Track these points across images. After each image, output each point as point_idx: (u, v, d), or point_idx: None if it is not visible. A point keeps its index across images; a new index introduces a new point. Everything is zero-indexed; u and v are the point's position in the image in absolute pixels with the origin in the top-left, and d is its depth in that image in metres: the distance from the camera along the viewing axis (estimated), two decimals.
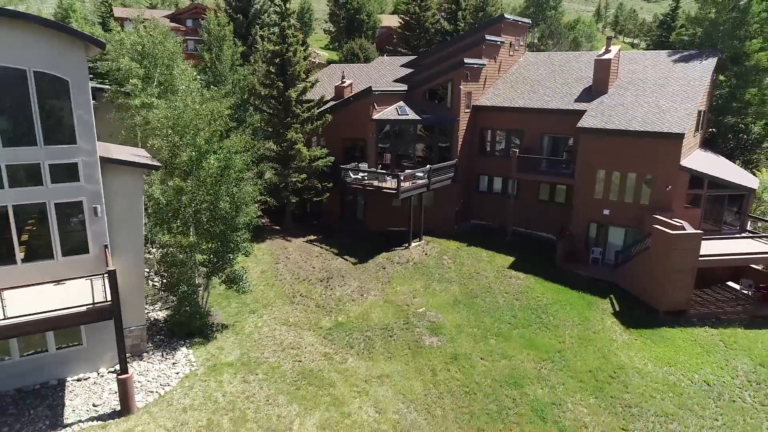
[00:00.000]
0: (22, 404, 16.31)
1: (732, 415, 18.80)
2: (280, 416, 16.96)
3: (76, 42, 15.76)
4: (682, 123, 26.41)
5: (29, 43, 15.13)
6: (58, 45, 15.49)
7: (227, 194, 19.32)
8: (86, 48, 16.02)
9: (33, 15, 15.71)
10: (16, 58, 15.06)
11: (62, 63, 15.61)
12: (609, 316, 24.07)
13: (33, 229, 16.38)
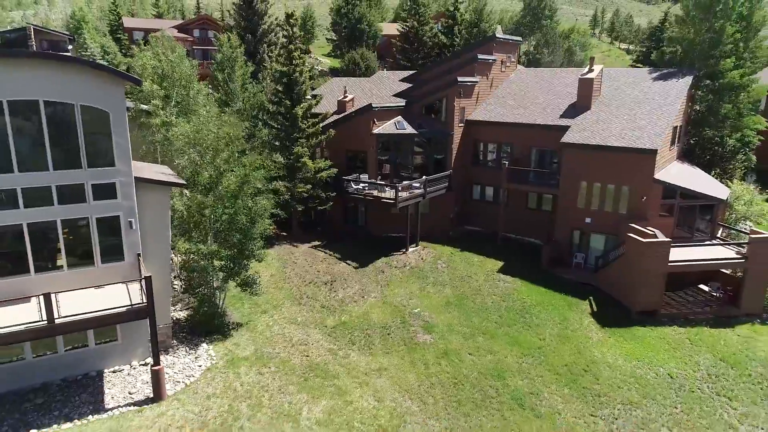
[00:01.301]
0: (67, 392, 18.80)
1: (690, 403, 21.25)
2: (291, 403, 19.44)
3: (116, 79, 18.26)
4: (656, 140, 28.85)
5: (77, 82, 17.61)
6: (100, 82, 17.97)
7: (244, 208, 21.79)
8: (124, 84, 18.51)
9: (80, 58, 18.27)
10: (65, 95, 17.54)
11: (104, 97, 18.09)
12: (587, 316, 26.51)
13: (76, 240, 18.84)
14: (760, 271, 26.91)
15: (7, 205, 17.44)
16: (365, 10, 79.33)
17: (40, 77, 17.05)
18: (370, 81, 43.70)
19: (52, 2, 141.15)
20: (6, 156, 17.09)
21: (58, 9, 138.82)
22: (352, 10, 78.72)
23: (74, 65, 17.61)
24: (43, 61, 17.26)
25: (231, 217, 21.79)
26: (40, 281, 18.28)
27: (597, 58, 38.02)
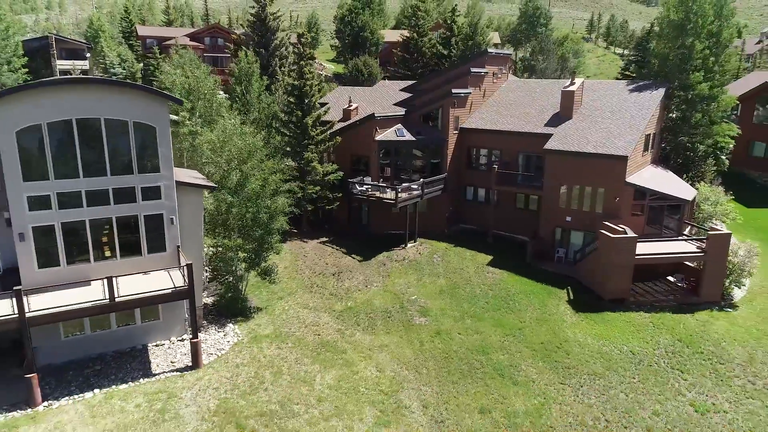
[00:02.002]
0: (120, 361, 22.47)
1: (647, 375, 24.83)
2: (306, 372, 23.07)
3: (162, 100, 21.92)
4: (627, 147, 32.43)
5: (131, 102, 21.25)
6: (149, 102, 21.62)
7: (265, 207, 25.42)
8: (168, 103, 22.17)
9: (135, 83, 21.89)
10: (122, 113, 21.18)
11: (152, 114, 21.73)
12: (564, 303, 30.09)
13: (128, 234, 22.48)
14: (717, 264, 30.46)
15: (73, 205, 21.09)
16: (368, 19, 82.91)
17: (102, 99, 20.70)
18: (373, 90, 47.32)
19: (63, 7, 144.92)
20: (74, 164, 20.74)
21: (69, 14, 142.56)
22: (355, 19, 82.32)
23: (130, 89, 21.29)
24: (105, 86, 20.93)
25: (254, 215, 25.42)
26: (98, 268, 21.95)
27: (592, 63, 42.20)
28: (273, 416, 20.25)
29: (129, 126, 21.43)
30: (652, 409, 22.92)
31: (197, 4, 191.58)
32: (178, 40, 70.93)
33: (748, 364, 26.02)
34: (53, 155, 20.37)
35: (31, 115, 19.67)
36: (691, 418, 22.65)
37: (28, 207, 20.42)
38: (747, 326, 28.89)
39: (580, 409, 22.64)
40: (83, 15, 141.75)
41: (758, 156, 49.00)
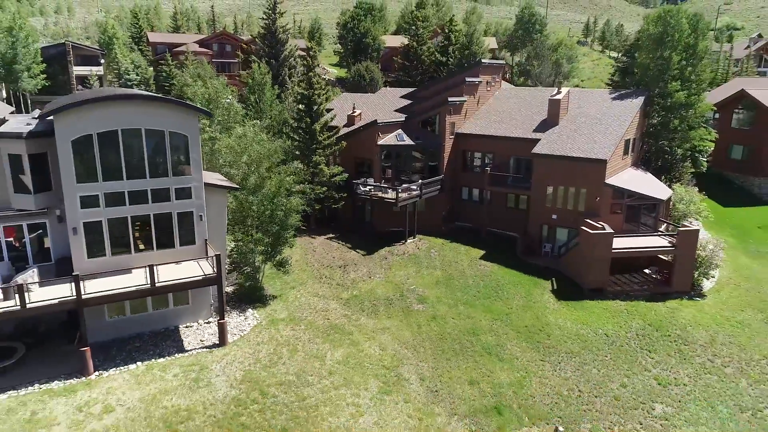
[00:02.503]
0: (156, 339, 25.78)
1: (618, 353, 28.13)
2: (318, 349, 26.37)
3: (194, 113, 25.23)
4: (606, 151, 35.71)
5: (167, 115, 24.54)
6: (182, 114, 24.92)
7: (281, 205, 28.72)
8: (198, 116, 25.48)
9: (171, 98, 25.19)
10: (159, 124, 24.47)
11: (184, 125, 25.01)
12: (548, 292, 33.39)
13: (163, 229, 25.77)
14: (686, 257, 33.75)
15: (118, 203, 24.41)
16: (370, 25, 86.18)
17: (143, 112, 24.02)
18: (375, 97, 50.61)
19: (71, 11, 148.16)
20: (119, 168, 24.05)
21: (77, 18, 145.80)
22: (358, 25, 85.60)
23: (167, 103, 24.61)
24: (146, 101, 24.26)
25: (271, 212, 28.73)
26: (138, 258, 25.25)
27: (587, 67, 45.21)
28: (291, 385, 23.57)
29: (165, 135, 24.73)
30: (620, 382, 26.24)
31: (201, 6, 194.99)
32: (188, 47, 74.30)
33: (709, 345, 29.32)
34: (101, 161, 23.67)
35: (85, 127, 22.98)
36: (653, 389, 25.97)
37: (80, 205, 23.73)
38: (712, 313, 32.20)
39: (557, 382, 25.95)
40: (90, 18, 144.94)
41: (736, 158, 52.25)
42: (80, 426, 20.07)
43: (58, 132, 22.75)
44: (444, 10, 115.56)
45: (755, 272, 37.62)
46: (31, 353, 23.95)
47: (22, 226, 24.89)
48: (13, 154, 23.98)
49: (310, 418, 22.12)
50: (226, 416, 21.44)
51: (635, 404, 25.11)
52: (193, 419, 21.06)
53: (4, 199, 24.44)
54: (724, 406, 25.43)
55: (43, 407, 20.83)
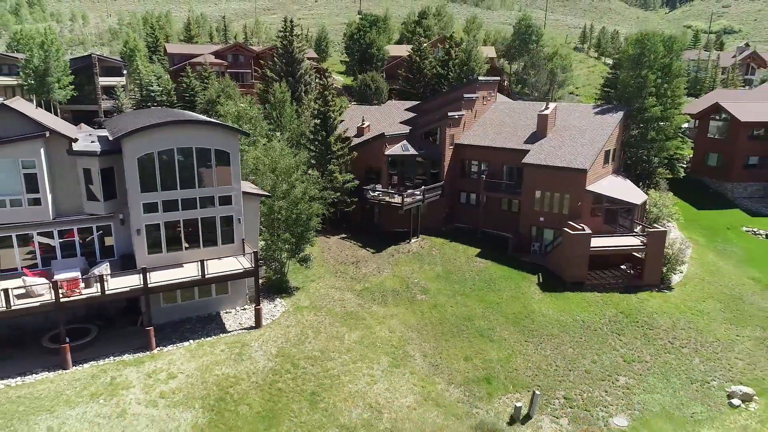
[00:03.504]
0: (202, 323, 30.77)
1: (591, 336, 33.06)
2: (337, 331, 31.34)
3: (235, 133, 30.25)
4: (587, 162, 40.62)
5: (213, 135, 29.53)
6: (225, 134, 29.91)
7: (305, 209, 33.70)
8: (238, 135, 30.50)
9: (217, 122, 30.16)
10: (207, 143, 29.45)
11: (227, 143, 29.99)
12: (534, 285, 38.30)
13: (208, 230, 30.77)
14: (655, 255, 38.65)
15: (172, 209, 29.40)
16: (375, 36, 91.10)
17: (194, 134, 29.02)
18: (382, 109, 55.58)
19: (86, 19, 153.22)
20: (174, 179, 29.04)
21: (91, 25, 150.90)
22: (363, 36, 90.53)
23: (213, 126, 29.63)
24: (197, 125, 29.30)
25: (296, 216, 33.73)
26: (187, 254, 30.25)
27: (582, 73, 49.46)
28: (316, 359, 28.58)
29: (211, 152, 29.72)
30: (591, 359, 31.22)
31: (208, 11, 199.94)
32: (206, 58, 79.28)
33: (670, 329, 34.27)
34: (160, 174, 28.67)
35: (148, 146, 27.98)
36: (619, 365, 30.94)
37: (143, 210, 28.73)
38: (676, 303, 37.13)
39: (538, 358, 30.93)
40: (104, 26, 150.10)
41: (711, 165, 57.06)
42: (152, 388, 25.12)
43: (127, 151, 27.77)
44: (445, 20, 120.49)
45: (720, 268, 42.50)
46: (102, 333, 28.97)
47: (92, 228, 29.95)
48: (86, 168, 28.99)
49: (333, 384, 27.14)
50: (265, 382, 26.48)
51: (603, 376, 30.08)
52: (239, 384, 26.09)
53: (78, 206, 29.45)
54: (677, 378, 30.40)
55: (119, 374, 25.87)
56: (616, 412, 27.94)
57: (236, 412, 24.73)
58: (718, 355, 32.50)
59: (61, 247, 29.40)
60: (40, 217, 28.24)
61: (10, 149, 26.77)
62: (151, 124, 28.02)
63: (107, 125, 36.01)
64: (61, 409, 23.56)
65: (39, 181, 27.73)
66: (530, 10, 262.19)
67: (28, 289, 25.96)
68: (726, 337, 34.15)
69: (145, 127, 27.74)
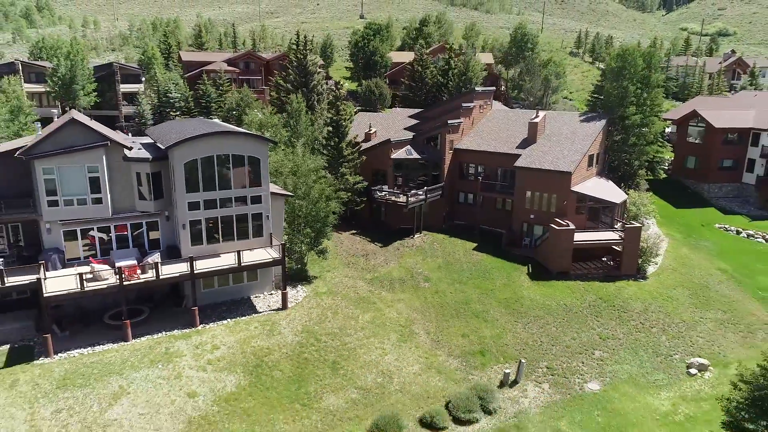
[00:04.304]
0: (236, 305, 35.69)
1: (572, 317, 38.00)
2: (352, 313, 36.29)
3: (265, 142, 35.21)
4: (571, 165, 45.55)
5: (247, 143, 34.45)
6: (257, 143, 34.85)
7: (323, 207, 38.62)
8: (267, 144, 35.46)
9: (251, 133, 35.11)
10: (242, 150, 34.37)
11: (258, 151, 34.92)
12: (524, 274, 43.23)
13: (241, 225, 35.69)
14: (631, 248, 43.58)
15: (212, 207, 34.34)
16: (378, 44, 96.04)
17: (231, 142, 33.96)
18: (387, 116, 60.52)
19: (97, 24, 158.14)
20: (213, 182, 33.96)
21: (103, 31, 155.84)
22: (368, 44, 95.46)
23: (247, 136, 34.58)
24: (234, 135, 34.25)
25: (315, 213, 38.65)
26: (223, 246, 35.17)
27: (577, 78, 54.37)
28: (335, 335, 33.54)
29: (245, 158, 34.66)
30: (571, 336, 36.19)
31: (213, 15, 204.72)
32: (219, 65, 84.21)
33: (642, 312, 39.22)
34: (202, 176, 33.59)
35: (192, 154, 32.91)
36: (595, 341, 35.92)
37: (188, 208, 33.68)
38: (650, 290, 42.08)
39: (525, 335, 35.91)
40: (115, 32, 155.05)
41: (690, 167, 62.04)
42: (200, 356, 30.09)
43: (175, 158, 32.72)
44: (445, 27, 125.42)
45: (691, 260, 47.45)
46: (152, 313, 33.90)
47: (142, 223, 34.92)
48: (138, 172, 33.93)
49: (350, 355, 32.11)
50: (294, 353, 31.45)
51: (581, 350, 35.06)
52: (272, 354, 31.06)
53: (131, 205, 34.39)
54: (644, 352, 35.39)
55: (171, 345, 30.82)
56: (591, 379, 32.92)
57: (271, 376, 29.71)
58: (682, 334, 37.48)
59: (116, 240, 34.36)
60: (101, 214, 33.20)
61: (79, 156, 31.72)
62: (196, 134, 32.96)
63: (150, 133, 40.91)
64: (128, 372, 28.54)
65: (101, 184, 32.68)
66: (529, 13, 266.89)
67: (95, 274, 30.92)
68: (690, 319, 39.11)
69: (191, 138, 32.69)
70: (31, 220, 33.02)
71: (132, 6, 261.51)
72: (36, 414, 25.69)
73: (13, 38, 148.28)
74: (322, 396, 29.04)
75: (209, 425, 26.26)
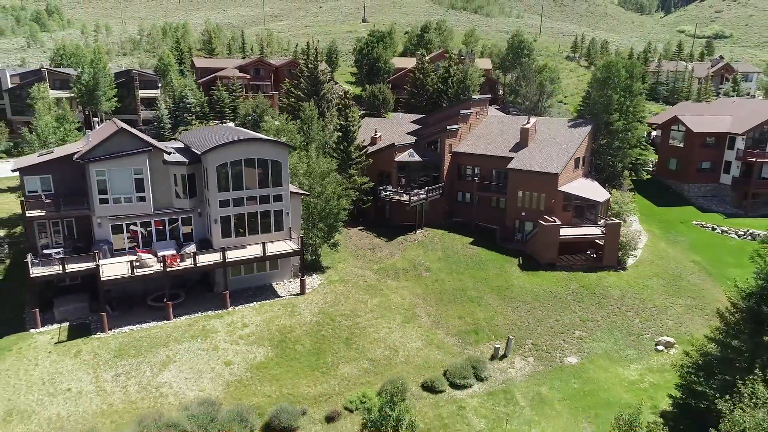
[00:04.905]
0: (260, 291, 40.61)
1: (557, 303, 42.86)
2: (362, 298, 41.18)
3: (285, 147, 40.15)
4: (559, 167, 50.41)
5: (270, 149, 39.37)
6: (279, 148, 39.78)
7: (335, 205, 43.52)
8: (288, 149, 40.39)
9: (275, 140, 40.03)
10: (265, 154, 39.29)
11: (279, 155, 39.83)
12: (515, 266, 48.08)
13: (264, 220, 40.58)
14: (612, 242, 48.43)
15: (239, 204, 39.24)
16: (381, 51, 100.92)
17: (257, 148, 38.87)
18: (392, 121, 65.40)
19: (109, 29, 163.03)
20: (241, 182, 38.85)
21: (114, 35, 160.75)
22: (371, 51, 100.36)
23: (271, 143, 39.51)
24: (260, 141, 39.18)
25: (329, 210, 43.53)
26: (249, 239, 40.07)
27: (572, 82, 59.32)
28: (348, 316, 38.44)
29: (268, 162, 39.55)
30: (555, 318, 41.07)
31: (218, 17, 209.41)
32: (232, 72, 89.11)
33: (620, 298, 44.09)
34: (232, 178, 38.50)
35: (224, 158, 37.80)
36: (576, 323, 40.80)
37: (219, 206, 38.58)
38: (628, 280, 46.93)
39: (514, 317, 40.81)
40: (125, 36, 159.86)
41: (672, 169, 66.87)
42: (233, 332, 35.01)
43: (208, 161, 37.62)
44: (445, 33, 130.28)
45: (668, 254, 52.32)
46: (188, 297, 38.80)
47: (177, 219, 39.84)
48: (175, 174, 38.84)
49: (361, 333, 37.01)
50: (312, 330, 36.36)
51: (563, 330, 39.94)
52: (294, 331, 35.98)
53: (169, 203, 39.29)
54: (619, 332, 40.28)
55: (207, 323, 35.74)
56: (570, 354, 37.82)
57: (294, 349, 34.63)
58: (654, 317, 42.35)
59: (155, 233, 39.30)
60: (144, 211, 38.13)
61: (127, 160, 36.66)
62: (227, 141, 37.90)
63: (182, 138, 45.80)
64: (172, 344, 33.48)
65: (144, 184, 37.60)
66: (528, 16, 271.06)
67: (141, 262, 35.84)
68: (662, 305, 43.98)
69: (223, 144, 37.62)
70: (83, 216, 37.98)
71: (138, 9, 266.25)
72: (99, 377, 30.63)
73: (28, 43, 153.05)
74: (338, 366, 33.97)
75: (244, 387, 31.18)
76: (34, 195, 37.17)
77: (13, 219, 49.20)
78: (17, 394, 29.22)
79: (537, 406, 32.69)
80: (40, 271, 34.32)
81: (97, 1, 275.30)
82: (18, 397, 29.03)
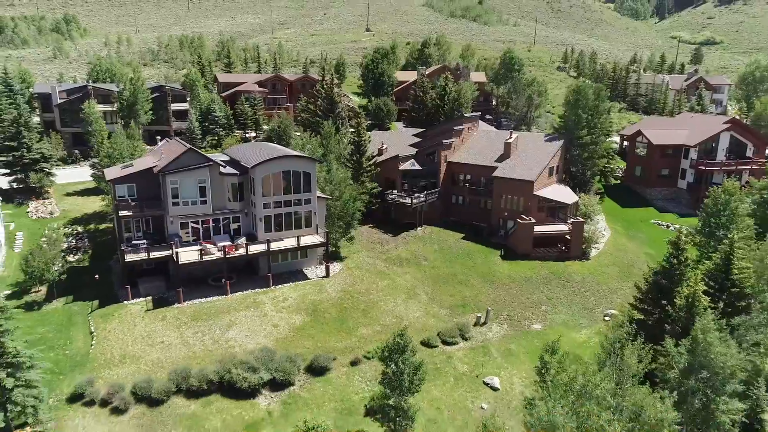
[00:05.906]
0: (293, 275, 51.46)
1: (529, 285, 53.73)
2: (373, 280, 52.06)
3: (313, 161, 51.10)
4: (534, 175, 61.22)
5: (301, 162, 50.27)
6: (309, 162, 50.70)
7: (352, 207, 54.38)
8: (316, 162, 51.33)
9: (307, 156, 50.98)
10: (298, 167, 50.17)
11: (309, 167, 50.72)
12: (497, 256, 58.89)
13: (296, 220, 51.44)
14: (577, 237, 59.27)
15: (278, 206, 50.15)
16: (386, 67, 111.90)
17: (292, 162, 49.80)
18: (396, 134, 76.28)
19: (130, 42, 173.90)
20: (280, 189, 49.75)
21: (134, 47, 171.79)
22: (377, 67, 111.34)
23: (305, 159, 50.47)
24: (295, 157, 50.11)
25: (346, 211, 54.39)
26: (285, 234, 50.96)
27: (561, 93, 69.92)
28: (363, 293, 49.36)
29: (300, 173, 50.47)
30: (526, 296, 52.00)
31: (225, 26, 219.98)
32: (255, 89, 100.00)
33: (580, 282, 54.98)
34: (272, 185, 49.39)
35: (267, 170, 48.72)
36: (543, 300, 51.73)
37: (263, 207, 49.50)
38: (589, 267, 57.79)
39: (494, 295, 51.76)
40: (145, 48, 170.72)
41: (637, 175, 77.68)
42: (277, 304, 45.96)
43: (256, 174, 48.53)
44: (444, 48, 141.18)
45: (626, 247, 63.15)
46: (238, 278, 49.68)
47: (229, 218, 50.80)
48: (229, 182, 49.75)
49: (374, 306, 47.94)
50: (336, 303, 47.30)
51: (532, 305, 50.84)
52: (322, 304, 46.93)
53: (223, 205, 50.20)
54: (576, 307, 51.17)
55: (256, 298, 46.68)
56: (536, 322, 48.69)
57: (323, 317, 45.57)
58: (606, 296, 53.21)
59: (213, 230, 50.25)
60: (205, 211, 49.07)
61: (194, 173, 47.60)
62: (271, 157, 48.89)
63: (229, 153, 56.66)
64: (232, 312, 44.43)
65: (206, 191, 48.53)
66: (525, 23, 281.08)
67: (205, 250, 46.77)
68: (615, 287, 54.83)
69: (268, 159, 48.57)
70: (158, 215, 48.91)
71: (149, 17, 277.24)
72: (182, 334, 41.57)
73: (54, 54, 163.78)
74: (358, 328, 44.87)
75: (289, 342, 42.10)
76: (122, 199, 48.14)
77: (85, 218, 60.44)
78: (125, 344, 40.20)
79: (506, 357, 43.61)
80: (131, 257, 45.29)
81: (110, 9, 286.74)
82: (127, 346, 40.01)
